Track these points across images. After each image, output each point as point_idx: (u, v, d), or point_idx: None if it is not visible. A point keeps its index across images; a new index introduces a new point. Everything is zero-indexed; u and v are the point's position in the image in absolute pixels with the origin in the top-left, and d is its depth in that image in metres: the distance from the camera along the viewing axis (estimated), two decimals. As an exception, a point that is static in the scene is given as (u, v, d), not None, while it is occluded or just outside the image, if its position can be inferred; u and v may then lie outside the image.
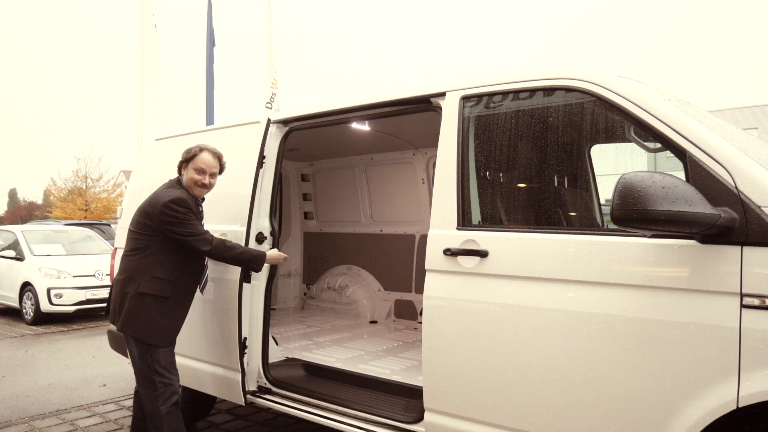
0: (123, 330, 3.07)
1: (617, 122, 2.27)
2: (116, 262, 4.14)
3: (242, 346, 3.29)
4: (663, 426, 1.92)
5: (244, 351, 3.30)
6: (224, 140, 3.62)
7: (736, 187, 1.86)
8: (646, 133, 2.14)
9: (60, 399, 5.11)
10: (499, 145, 2.57)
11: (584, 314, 2.11)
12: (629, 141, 2.35)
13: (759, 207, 1.82)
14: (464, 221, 2.52)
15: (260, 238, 3.38)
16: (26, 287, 9.38)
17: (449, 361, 2.46)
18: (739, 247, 1.83)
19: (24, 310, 9.44)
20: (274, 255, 3.27)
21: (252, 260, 3.19)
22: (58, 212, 32.65)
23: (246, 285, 3.31)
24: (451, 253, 2.48)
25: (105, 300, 7.47)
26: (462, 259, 2.46)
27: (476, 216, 2.54)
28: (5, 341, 7.90)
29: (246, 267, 3.27)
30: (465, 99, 2.63)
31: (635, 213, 1.78)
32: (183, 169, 3.23)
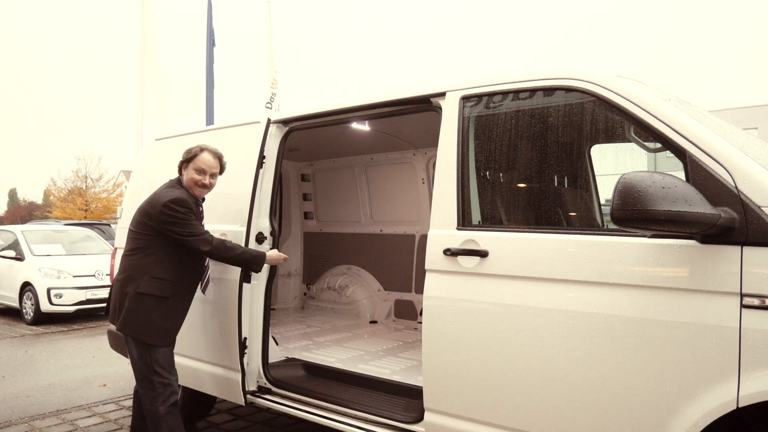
0: (122, 330, 3.07)
1: (617, 122, 2.27)
2: (116, 262, 4.14)
3: (242, 346, 3.29)
4: (663, 426, 1.92)
5: (244, 351, 3.30)
6: (224, 140, 3.62)
7: (736, 187, 1.86)
8: (646, 133, 2.14)
9: (60, 399, 5.11)
10: (499, 145, 2.57)
11: (584, 314, 2.11)
12: (629, 141, 2.35)
13: (759, 207, 1.81)
14: (464, 221, 2.51)
15: (260, 238, 3.38)
16: (26, 287, 9.38)
17: (449, 361, 2.46)
18: (739, 247, 1.83)
19: (24, 310, 9.44)
20: (274, 255, 3.27)
21: (252, 260, 3.19)
22: (58, 212, 32.64)
23: (246, 285, 3.31)
24: (451, 253, 2.48)
25: (105, 300, 7.45)
26: (462, 259, 2.46)
27: (476, 216, 2.54)
28: (5, 341, 7.90)
29: (246, 267, 3.27)
30: (465, 99, 2.63)
31: (635, 213, 1.78)
32: (183, 169, 3.23)
